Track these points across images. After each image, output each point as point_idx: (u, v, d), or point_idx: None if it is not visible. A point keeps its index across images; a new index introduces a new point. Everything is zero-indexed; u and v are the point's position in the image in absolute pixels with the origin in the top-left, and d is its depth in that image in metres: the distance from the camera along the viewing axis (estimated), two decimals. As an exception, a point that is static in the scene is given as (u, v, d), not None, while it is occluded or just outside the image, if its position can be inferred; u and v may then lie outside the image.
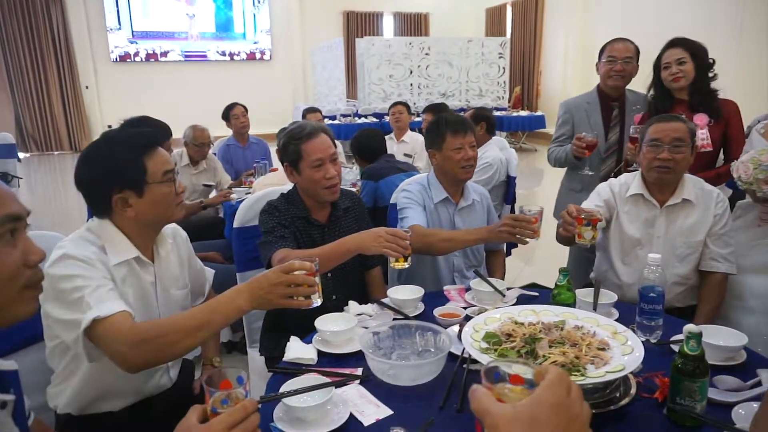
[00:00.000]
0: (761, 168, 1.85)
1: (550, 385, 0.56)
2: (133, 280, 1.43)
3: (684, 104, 2.40)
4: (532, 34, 11.75)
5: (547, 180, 7.83)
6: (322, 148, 1.83)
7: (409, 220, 2.02)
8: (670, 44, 2.44)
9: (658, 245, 1.91)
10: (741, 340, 1.36)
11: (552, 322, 1.32)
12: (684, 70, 2.36)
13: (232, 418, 0.84)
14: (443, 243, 1.96)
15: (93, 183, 1.40)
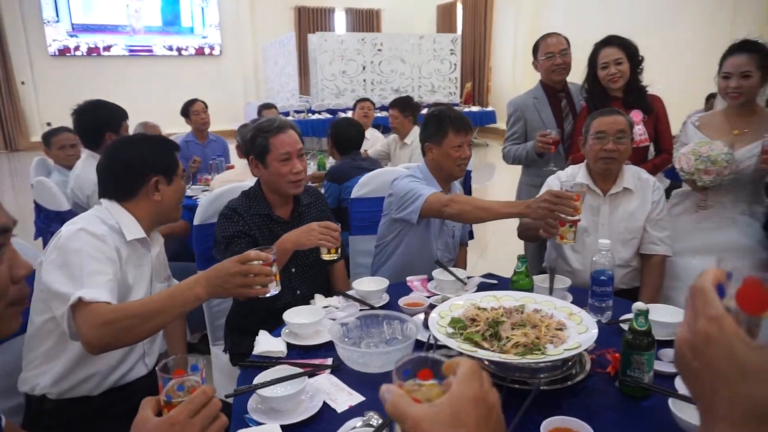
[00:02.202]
0: (701, 159, 2.00)
1: (466, 379, 0.55)
2: (136, 261, 1.55)
3: (619, 101, 2.50)
4: (482, 30, 12.01)
5: (499, 174, 8.05)
6: (290, 143, 1.86)
7: (424, 191, 1.98)
8: (605, 43, 2.49)
9: (603, 232, 2.03)
10: (682, 316, 1.47)
11: (513, 307, 1.40)
12: (621, 70, 2.44)
13: (192, 405, 0.81)
14: (478, 211, 1.88)
15: (139, 162, 1.56)
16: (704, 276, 0.53)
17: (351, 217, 2.63)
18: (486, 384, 0.56)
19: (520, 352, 1.18)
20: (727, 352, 0.49)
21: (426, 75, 10.95)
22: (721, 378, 0.50)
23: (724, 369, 0.49)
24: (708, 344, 0.50)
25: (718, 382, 0.50)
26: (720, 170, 1.99)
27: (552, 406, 1.16)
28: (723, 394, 0.49)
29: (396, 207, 2.08)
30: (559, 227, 1.70)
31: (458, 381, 0.55)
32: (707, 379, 0.51)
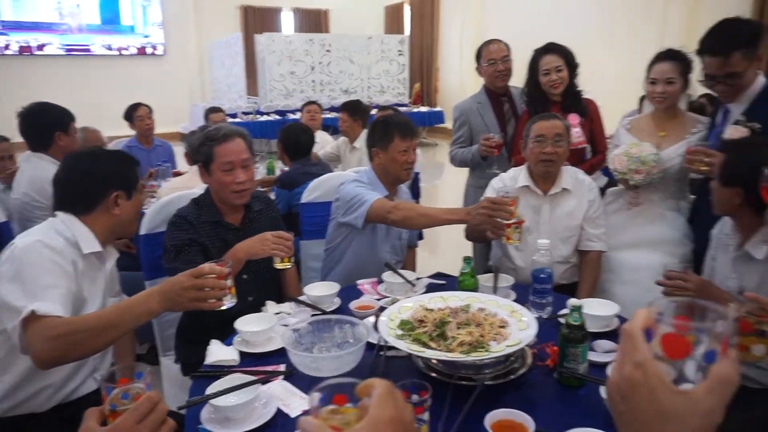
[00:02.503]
0: (632, 160, 2.14)
1: (382, 401, 0.56)
2: (91, 275, 1.53)
3: (558, 105, 2.62)
4: (429, 32, 12.18)
5: (447, 174, 8.20)
6: (235, 152, 1.85)
7: (370, 196, 2.03)
8: (546, 50, 2.59)
9: (544, 231, 2.13)
10: (614, 309, 1.59)
11: (459, 306, 1.46)
12: (561, 77, 2.57)
13: (138, 412, 0.80)
14: (421, 219, 1.99)
15: (99, 176, 1.57)
16: (634, 320, 0.54)
17: (301, 222, 2.64)
18: (401, 402, 0.58)
19: (465, 351, 1.25)
20: (650, 397, 0.51)
21: (375, 76, 11.02)
22: (642, 422, 0.52)
23: (647, 413, 0.52)
24: (633, 389, 0.52)
25: (640, 425, 0.53)
26: (649, 170, 2.13)
27: (496, 400, 1.22)
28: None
29: (342, 211, 2.13)
30: (505, 229, 1.79)
31: (374, 404, 0.56)
32: (632, 422, 0.53)
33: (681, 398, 0.50)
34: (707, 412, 0.50)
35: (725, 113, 2.09)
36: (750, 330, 1.10)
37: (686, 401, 0.50)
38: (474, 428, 1.13)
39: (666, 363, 0.52)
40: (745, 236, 1.60)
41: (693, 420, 0.50)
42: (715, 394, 0.50)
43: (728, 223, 1.70)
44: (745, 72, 1.94)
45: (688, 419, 0.50)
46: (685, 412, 0.50)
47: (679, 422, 0.50)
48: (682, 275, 1.56)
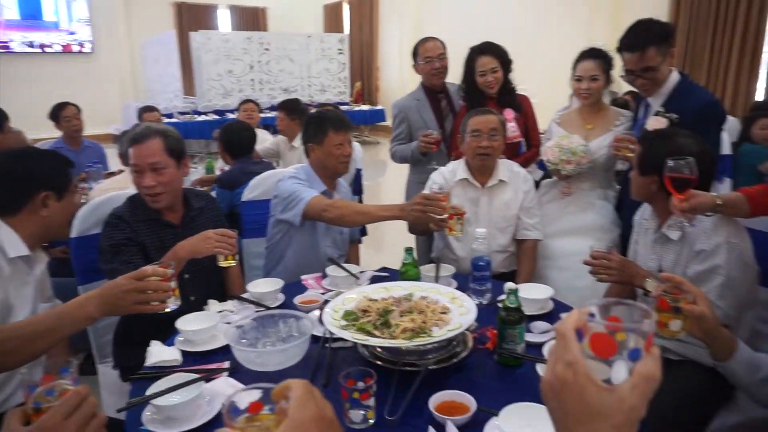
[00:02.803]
0: (563, 151, 2.26)
1: (302, 402, 0.56)
2: (19, 280, 1.47)
3: (493, 100, 2.72)
4: (369, 30, 12.23)
5: (390, 171, 8.28)
6: (143, 155, 1.78)
7: (306, 194, 2.05)
8: (481, 51, 2.68)
9: (483, 221, 2.21)
10: (548, 292, 1.67)
11: (401, 296, 1.49)
12: (497, 77, 2.66)
13: (65, 407, 0.77)
14: (357, 216, 2.06)
15: (26, 176, 1.51)
16: (566, 320, 0.56)
17: (243, 220, 2.61)
18: (320, 400, 0.58)
19: (408, 337, 1.28)
20: (579, 395, 0.54)
21: (315, 74, 10.95)
22: (573, 419, 0.55)
23: (576, 411, 0.54)
24: (563, 387, 0.55)
25: (570, 422, 0.55)
26: (579, 160, 2.26)
27: (439, 383, 1.26)
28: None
29: (280, 208, 2.14)
30: (448, 221, 1.85)
31: (294, 405, 0.56)
32: (563, 419, 0.56)
33: (607, 395, 0.53)
34: (631, 408, 0.53)
35: (646, 107, 2.24)
36: (667, 307, 1.19)
37: (612, 398, 0.53)
38: (419, 411, 1.17)
39: (598, 362, 0.54)
40: (662, 220, 1.72)
41: (618, 416, 0.53)
42: (639, 391, 0.53)
43: (648, 209, 1.83)
44: (660, 66, 2.08)
45: (614, 415, 0.53)
46: (611, 409, 0.53)
47: (605, 418, 0.53)
48: (606, 255, 1.67)
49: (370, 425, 1.14)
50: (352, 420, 1.13)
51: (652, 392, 0.54)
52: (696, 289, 1.19)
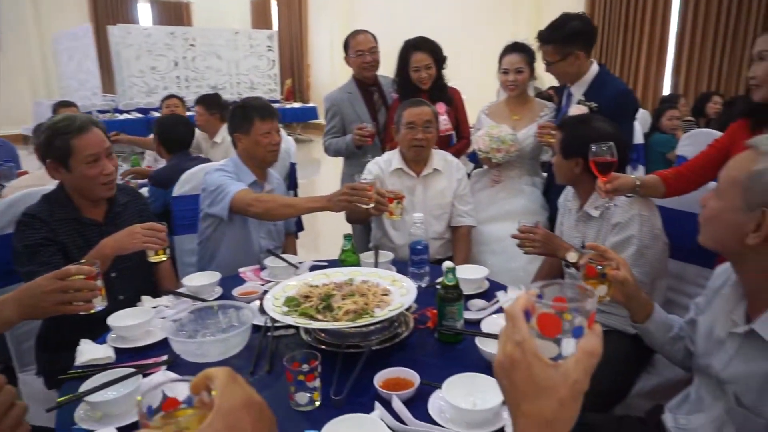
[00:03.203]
0: (493, 140, 2.35)
1: (228, 389, 0.55)
2: None
3: (426, 94, 2.75)
4: (298, 27, 12.10)
5: (324, 169, 8.24)
6: (96, 142, 1.72)
7: (232, 188, 2.02)
8: (415, 47, 2.71)
9: (419, 209, 2.25)
10: (484, 272, 1.74)
11: (343, 281, 1.51)
12: (430, 74, 2.72)
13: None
14: (285, 209, 2.05)
15: None
16: (516, 302, 0.60)
17: (174, 216, 2.52)
18: (246, 386, 0.57)
19: (351, 318, 1.29)
20: (527, 372, 0.57)
21: (244, 71, 10.70)
22: (522, 395, 0.58)
23: (524, 387, 0.57)
24: (512, 366, 0.58)
25: (520, 397, 0.58)
26: (508, 148, 2.36)
27: (383, 362, 1.28)
28: (523, 409, 0.58)
29: (208, 202, 2.10)
30: (387, 204, 1.89)
31: (220, 393, 0.54)
32: (513, 395, 0.59)
33: (553, 371, 0.56)
34: (575, 381, 0.56)
35: (568, 96, 2.38)
36: (594, 274, 1.28)
37: (557, 374, 0.56)
38: (365, 389, 1.18)
39: (545, 340, 0.58)
40: (584, 200, 1.84)
41: (563, 390, 0.56)
42: (582, 365, 0.56)
43: (570, 192, 1.95)
44: (556, 64, 2.24)
45: (559, 389, 0.56)
46: (556, 384, 0.56)
47: (551, 392, 0.56)
48: (532, 228, 1.78)
49: (317, 407, 1.14)
50: (298, 402, 1.13)
51: (594, 366, 0.57)
52: (617, 256, 1.29)
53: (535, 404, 0.57)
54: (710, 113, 4.56)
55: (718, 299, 1.23)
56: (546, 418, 0.57)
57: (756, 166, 1.00)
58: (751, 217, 1.01)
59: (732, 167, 1.06)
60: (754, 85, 1.60)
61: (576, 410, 0.58)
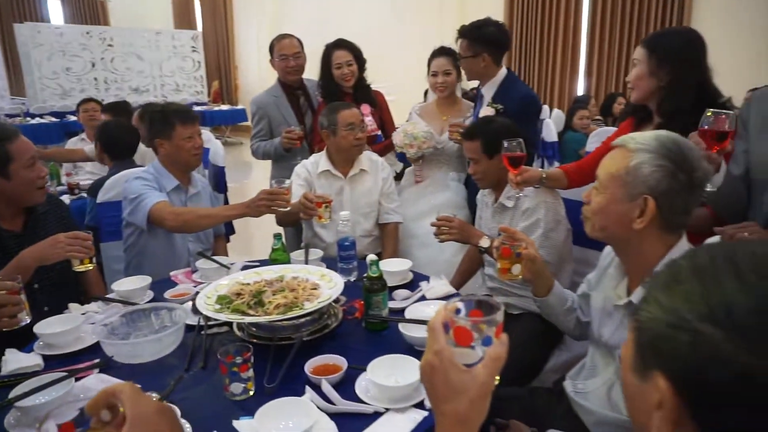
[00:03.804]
0: (408, 136, 2.50)
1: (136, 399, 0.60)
2: None
3: (350, 96, 2.88)
4: (224, 28, 11.86)
5: (255, 171, 8.16)
6: (29, 146, 1.74)
7: (149, 200, 2.02)
8: (336, 46, 2.84)
9: (347, 208, 2.34)
10: (407, 265, 1.86)
11: (273, 278, 1.57)
12: (352, 70, 2.83)
13: None
14: (202, 220, 2.05)
15: None
16: (436, 317, 0.70)
17: (100, 223, 2.47)
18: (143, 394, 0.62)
19: (282, 311, 1.37)
20: (444, 377, 0.68)
21: (168, 73, 10.37)
22: (441, 396, 0.68)
23: (442, 390, 0.68)
24: (433, 371, 0.68)
25: (439, 399, 0.69)
26: (420, 144, 2.53)
27: (314, 352, 1.36)
28: (441, 409, 0.69)
29: (128, 211, 2.11)
30: (317, 209, 1.97)
31: (132, 404, 0.59)
32: (434, 397, 0.70)
33: (465, 375, 0.67)
34: (483, 383, 0.67)
35: (480, 98, 2.58)
36: (509, 254, 1.43)
37: (468, 377, 0.67)
38: (296, 377, 1.26)
39: (460, 348, 0.69)
40: (498, 193, 2.02)
41: (473, 391, 0.67)
42: (489, 369, 0.68)
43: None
44: (466, 59, 2.45)
45: (471, 391, 0.67)
46: (468, 386, 0.67)
47: (464, 394, 0.67)
48: (449, 217, 1.95)
49: (251, 396, 1.21)
50: (233, 393, 1.19)
51: (499, 369, 0.69)
52: (526, 237, 1.45)
53: (451, 404, 0.68)
54: (616, 112, 4.96)
55: (606, 277, 1.41)
56: (460, 416, 0.68)
57: (631, 162, 1.17)
58: (635, 205, 1.18)
59: (608, 165, 1.23)
60: (630, 88, 1.82)
61: (485, 407, 0.69)
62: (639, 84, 1.76)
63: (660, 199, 1.14)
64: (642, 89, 1.75)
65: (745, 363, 0.44)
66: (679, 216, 1.18)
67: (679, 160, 1.13)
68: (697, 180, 1.15)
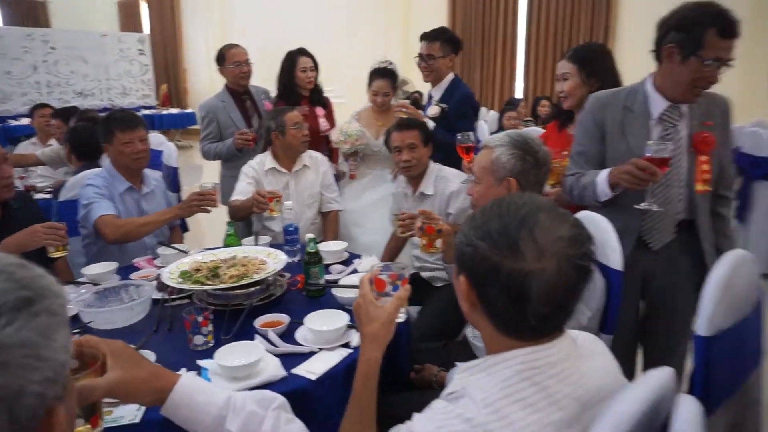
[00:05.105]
0: (342, 133, 2.84)
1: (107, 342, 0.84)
2: None
3: (306, 99, 3.25)
4: (172, 31, 11.84)
5: (207, 174, 8.27)
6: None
7: (95, 211, 2.20)
8: (300, 53, 3.22)
9: (292, 200, 2.62)
10: (343, 245, 2.18)
11: (227, 257, 1.86)
12: (314, 75, 3.23)
13: None
14: (142, 228, 2.23)
15: None
16: (366, 275, 1.15)
17: (61, 220, 2.66)
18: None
19: (235, 280, 1.65)
20: (365, 310, 1.10)
21: (115, 77, 10.31)
22: (363, 323, 1.10)
23: (364, 318, 1.09)
24: (359, 307, 1.11)
25: (363, 324, 1.10)
26: (353, 141, 2.88)
27: (262, 314, 1.65)
28: (363, 331, 1.09)
29: (81, 215, 2.30)
30: (269, 203, 2.25)
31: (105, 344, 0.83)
32: (360, 324, 1.10)
33: (379, 309, 1.10)
34: (390, 313, 1.10)
35: (430, 98, 3.02)
36: (432, 231, 1.76)
37: (381, 310, 1.09)
38: (248, 331, 1.55)
39: (379, 294, 1.13)
40: (417, 184, 2.38)
41: (383, 318, 1.09)
42: (395, 305, 1.11)
43: (403, 181, 2.48)
44: (438, 59, 2.84)
45: (381, 318, 1.09)
46: (380, 315, 1.09)
47: (377, 320, 1.08)
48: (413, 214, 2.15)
49: (211, 346, 1.49)
50: (196, 344, 1.47)
51: (402, 304, 1.13)
52: (437, 215, 1.79)
53: (369, 327, 1.09)
54: (540, 114, 5.44)
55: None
56: (374, 334, 1.08)
57: (493, 155, 1.55)
58: (503, 186, 1.55)
59: (480, 161, 1.62)
60: (563, 97, 2.18)
61: (391, 330, 1.10)
62: (574, 93, 2.12)
63: (518, 177, 1.52)
64: (576, 98, 2.12)
65: (495, 261, 0.79)
66: (533, 187, 1.56)
67: (525, 147, 1.52)
68: (541, 159, 1.53)
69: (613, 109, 1.78)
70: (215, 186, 2.22)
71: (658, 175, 1.56)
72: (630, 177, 1.59)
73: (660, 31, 1.66)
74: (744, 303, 1.29)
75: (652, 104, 1.74)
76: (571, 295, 0.81)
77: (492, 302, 0.82)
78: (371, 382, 1.05)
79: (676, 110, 1.73)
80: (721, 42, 1.55)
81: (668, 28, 1.62)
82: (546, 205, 0.84)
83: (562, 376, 0.80)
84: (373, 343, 1.07)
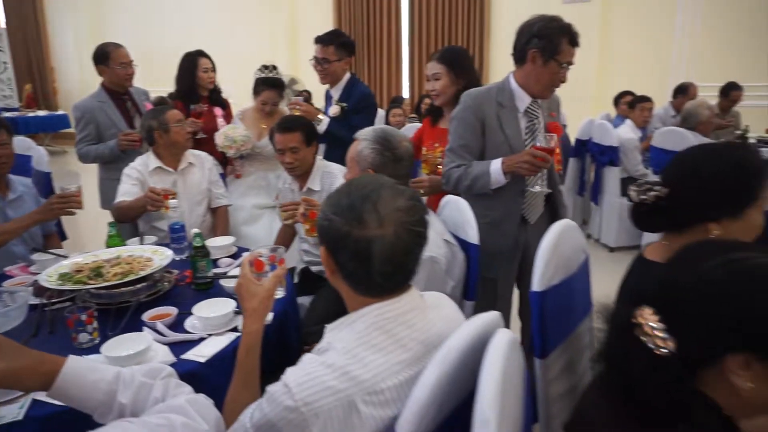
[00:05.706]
0: (227, 138, 2.91)
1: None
2: None
3: (206, 98, 3.39)
4: (35, 26, 10.82)
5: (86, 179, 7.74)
6: None
7: None
8: (200, 54, 3.36)
9: (183, 198, 2.62)
10: (230, 240, 2.26)
11: (110, 257, 1.85)
12: (214, 75, 3.34)
13: None
14: (1, 237, 2.11)
15: None
16: (248, 257, 1.28)
17: None
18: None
19: (120, 278, 1.67)
20: (246, 288, 1.22)
21: (-33, 75, 9.26)
22: (244, 299, 1.22)
23: (245, 295, 1.21)
24: (240, 286, 1.23)
25: (244, 301, 1.22)
26: (239, 146, 2.94)
27: (151, 308, 1.68)
28: (244, 306, 1.21)
29: None
30: (164, 201, 2.26)
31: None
32: (241, 300, 1.23)
33: (258, 287, 1.22)
34: (267, 290, 1.22)
35: (329, 98, 3.12)
36: (315, 216, 1.89)
37: (259, 287, 1.22)
38: (136, 325, 1.58)
39: (259, 274, 1.26)
40: (304, 181, 2.49)
41: (261, 294, 1.21)
42: (272, 282, 1.24)
43: (288, 178, 2.59)
44: (332, 62, 2.95)
45: (260, 294, 1.21)
46: (258, 291, 1.21)
47: (256, 296, 1.21)
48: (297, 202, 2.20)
49: (96, 343, 1.50)
50: (81, 342, 1.48)
51: (278, 283, 1.27)
52: (318, 202, 1.93)
53: (250, 302, 1.21)
54: (423, 111, 5.78)
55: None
56: (254, 309, 1.20)
57: (358, 147, 1.74)
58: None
59: (350, 152, 1.80)
60: (435, 95, 2.38)
61: (269, 305, 1.24)
62: (446, 91, 2.33)
63: (377, 169, 1.70)
64: (447, 95, 2.34)
65: (346, 230, 0.95)
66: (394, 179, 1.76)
67: (385, 144, 1.70)
68: (398, 155, 1.72)
69: (488, 105, 2.03)
70: (78, 187, 2.18)
71: (549, 161, 1.88)
72: (528, 165, 1.87)
73: (522, 38, 1.96)
74: (571, 263, 1.57)
75: (518, 100, 2.04)
76: (408, 256, 0.98)
77: (345, 265, 0.98)
78: (253, 351, 1.16)
79: (536, 104, 2.05)
80: (570, 49, 1.91)
81: (531, 36, 1.93)
82: (387, 182, 1.01)
83: (409, 323, 0.98)
84: (253, 316, 1.20)
